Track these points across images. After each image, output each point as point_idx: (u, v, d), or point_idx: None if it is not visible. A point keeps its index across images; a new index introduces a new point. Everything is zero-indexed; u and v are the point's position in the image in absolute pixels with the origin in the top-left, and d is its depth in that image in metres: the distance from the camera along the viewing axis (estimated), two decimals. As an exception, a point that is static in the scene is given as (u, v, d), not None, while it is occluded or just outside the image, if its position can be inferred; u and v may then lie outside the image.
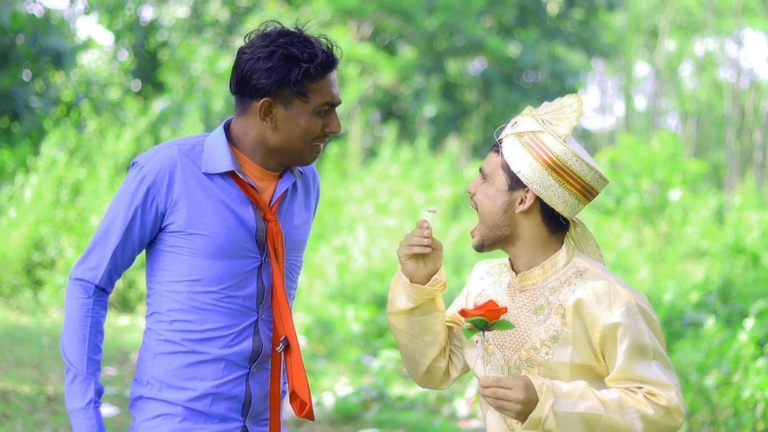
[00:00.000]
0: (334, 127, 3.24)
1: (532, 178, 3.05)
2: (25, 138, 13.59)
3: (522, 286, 3.15)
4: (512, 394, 2.92)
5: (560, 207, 3.08)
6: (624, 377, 3.01)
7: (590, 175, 3.07)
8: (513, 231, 3.12)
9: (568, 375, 3.04)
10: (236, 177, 3.23)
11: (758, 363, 7.42)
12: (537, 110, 3.16)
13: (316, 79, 3.17)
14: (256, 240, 3.24)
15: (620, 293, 3.04)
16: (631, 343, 3.00)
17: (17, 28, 11.84)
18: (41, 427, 7.80)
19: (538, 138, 3.07)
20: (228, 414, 3.27)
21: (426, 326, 3.23)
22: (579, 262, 3.13)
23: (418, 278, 3.18)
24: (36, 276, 14.67)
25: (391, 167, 20.43)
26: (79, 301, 3.24)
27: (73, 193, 15.61)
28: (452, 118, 28.19)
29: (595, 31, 30.78)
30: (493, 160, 3.14)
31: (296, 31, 3.24)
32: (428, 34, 27.88)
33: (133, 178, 3.23)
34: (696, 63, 41.51)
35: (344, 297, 13.92)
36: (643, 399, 2.99)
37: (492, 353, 3.16)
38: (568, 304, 3.05)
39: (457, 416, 9.19)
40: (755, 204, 18.48)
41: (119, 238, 3.22)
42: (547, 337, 3.07)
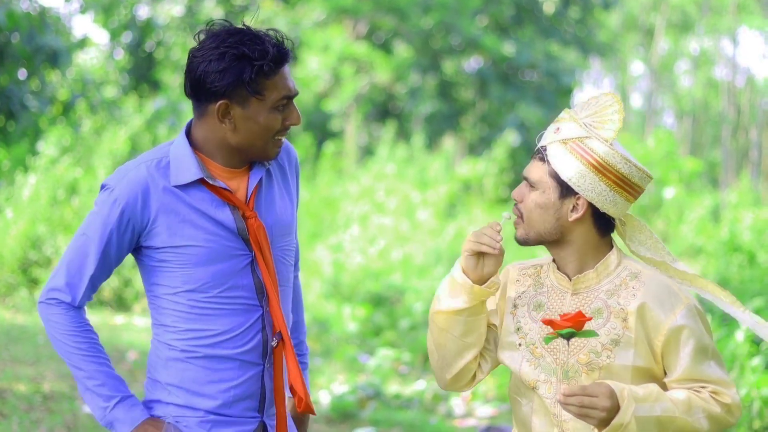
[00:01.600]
0: (293, 120, 3.22)
1: (584, 186, 3.05)
2: (21, 137, 13.56)
3: (575, 289, 3.15)
4: (599, 402, 2.92)
5: (612, 210, 3.09)
6: (689, 378, 3.04)
7: (638, 175, 3.09)
8: (563, 237, 3.13)
9: (630, 378, 3.06)
10: (206, 182, 3.22)
11: (754, 361, 7.42)
12: (576, 113, 3.14)
13: (270, 75, 3.14)
14: (242, 238, 3.23)
15: (679, 295, 3.07)
16: (695, 345, 3.04)
17: (13, 26, 11.81)
18: (37, 425, 7.79)
19: (585, 144, 3.07)
20: (246, 413, 3.27)
21: (471, 327, 3.21)
22: (630, 263, 3.15)
23: (477, 279, 3.17)
24: (32, 275, 14.65)
25: (387, 166, 20.43)
26: (58, 317, 3.25)
27: (69, 191, 15.60)
28: (448, 116, 28.18)
29: (591, 29, 30.78)
30: (539, 168, 3.12)
31: (245, 28, 3.22)
32: (424, 32, 27.86)
33: (105, 200, 3.20)
34: (691, 61, 41.52)
35: (340, 295, 13.92)
36: (709, 398, 3.03)
37: (540, 356, 3.15)
38: (631, 308, 3.06)
39: (453, 415, 9.19)
40: (751, 202, 18.50)
41: (96, 261, 3.21)
42: (608, 340, 3.07)
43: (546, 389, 3.15)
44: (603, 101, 3.14)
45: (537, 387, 3.16)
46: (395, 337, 12.13)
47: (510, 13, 29.16)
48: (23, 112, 12.39)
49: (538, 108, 27.45)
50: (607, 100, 3.13)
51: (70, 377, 9.60)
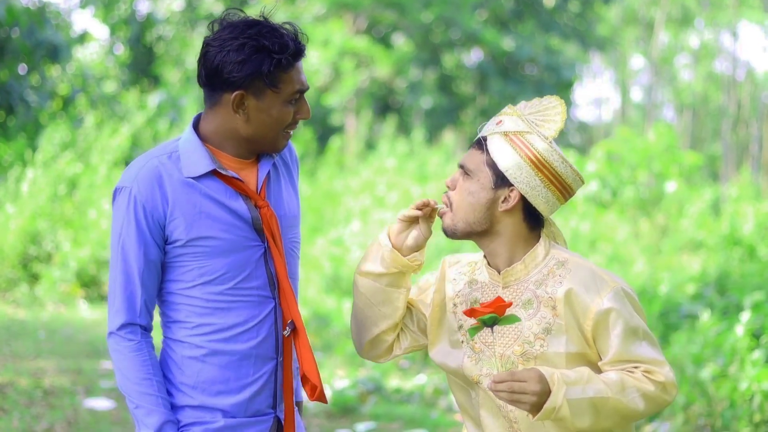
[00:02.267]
0: (304, 113, 3.24)
1: (519, 178, 3.09)
2: (21, 132, 13.57)
3: (505, 282, 3.17)
4: (528, 386, 2.94)
5: (542, 206, 3.13)
6: (620, 359, 3.06)
7: (572, 176, 3.14)
8: (491, 228, 3.15)
9: (565, 365, 3.08)
10: (219, 173, 3.22)
11: (754, 355, 7.43)
12: (520, 108, 3.19)
13: (287, 69, 3.16)
14: (255, 228, 3.23)
15: (605, 279, 3.10)
16: (624, 327, 3.06)
17: (13, 21, 11.82)
18: (38, 420, 7.80)
19: (525, 138, 3.11)
20: (263, 409, 3.27)
21: (388, 298, 3.27)
22: (557, 253, 3.18)
23: (399, 247, 3.24)
24: (32, 270, 14.67)
25: (387, 160, 20.43)
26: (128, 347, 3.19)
27: (70, 187, 15.61)
28: (448, 110, 28.19)
29: (591, 23, 30.78)
30: (477, 157, 3.16)
31: (262, 20, 3.23)
32: (424, 26, 27.87)
33: (125, 202, 3.18)
34: (691, 55, 41.51)
35: (340, 290, 13.93)
36: (641, 377, 3.05)
37: (480, 351, 3.18)
38: (558, 296, 3.09)
39: (453, 409, 9.20)
40: (751, 196, 18.50)
41: (142, 267, 3.17)
42: (540, 329, 3.10)
43: (488, 382, 3.13)
44: (547, 103, 3.19)
45: (480, 381, 3.18)
46: (396, 331, 12.14)
47: (510, 7, 29.16)
48: (23, 107, 12.39)
49: (538, 102, 27.43)
50: (551, 102, 3.18)
51: (70, 372, 9.61)
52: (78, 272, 14.61)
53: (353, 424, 8.43)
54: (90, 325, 12.93)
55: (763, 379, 7.18)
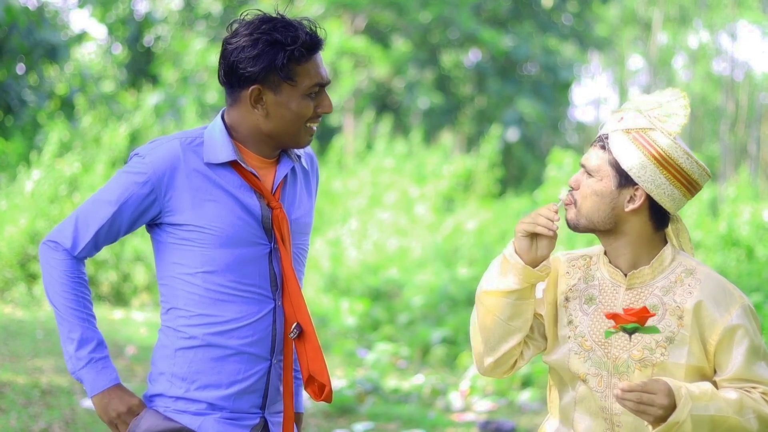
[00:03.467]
0: (325, 107, 3.25)
1: (644, 177, 3.04)
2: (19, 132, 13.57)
3: (630, 284, 3.13)
4: (657, 399, 2.91)
5: (668, 204, 3.08)
6: (740, 378, 3.04)
7: (698, 171, 3.08)
8: (616, 227, 3.11)
9: (683, 376, 3.05)
10: (238, 166, 3.24)
11: None
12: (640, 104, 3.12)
13: (302, 61, 3.17)
14: (264, 227, 3.24)
15: (734, 294, 3.07)
16: (749, 345, 3.04)
17: (11, 21, 11.81)
18: (35, 420, 7.80)
19: (648, 135, 3.05)
20: (250, 409, 3.27)
21: (519, 311, 3.17)
22: (684, 260, 3.13)
23: (530, 261, 3.13)
24: (30, 270, 14.66)
25: (385, 160, 20.42)
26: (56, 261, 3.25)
27: (69, 187, 15.59)
28: (446, 110, 28.17)
29: (589, 23, 30.77)
30: (599, 156, 3.10)
31: (278, 16, 3.25)
32: (422, 26, 27.86)
33: (134, 167, 3.23)
34: (690, 55, 41.52)
35: (338, 290, 13.93)
36: (760, 399, 3.03)
37: (590, 349, 3.14)
38: (687, 306, 3.06)
39: (451, 409, 9.20)
40: (749, 196, 18.49)
41: (105, 220, 3.22)
42: (663, 338, 3.07)
43: (596, 383, 3.13)
44: (668, 95, 3.13)
45: (587, 380, 3.14)
46: (393, 331, 12.14)
47: (508, 7, 29.16)
48: (21, 107, 12.39)
49: (536, 102, 27.44)
50: (673, 95, 3.13)
51: (68, 372, 9.60)
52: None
53: (351, 424, 8.42)
54: (88, 325, 12.92)
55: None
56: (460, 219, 16.82)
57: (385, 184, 18.96)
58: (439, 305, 12.27)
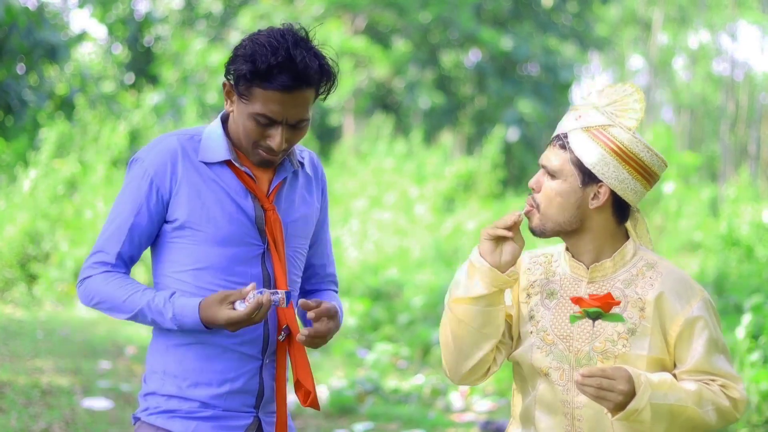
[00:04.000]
0: (272, 143, 3.15)
1: (607, 173, 3.05)
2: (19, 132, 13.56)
3: (591, 277, 3.15)
4: (617, 384, 2.92)
5: (631, 198, 3.10)
6: (699, 370, 3.06)
7: (658, 163, 3.10)
8: (582, 225, 3.12)
9: (644, 367, 3.07)
10: (233, 166, 3.23)
11: (753, 356, 7.43)
12: (595, 100, 3.14)
13: (258, 86, 3.09)
14: (257, 228, 3.24)
15: (694, 288, 3.10)
16: (708, 337, 3.06)
17: (11, 21, 11.81)
18: (36, 420, 7.79)
19: (608, 131, 3.06)
20: (242, 408, 3.26)
21: (489, 318, 3.16)
22: (645, 254, 3.16)
23: (495, 266, 3.12)
24: (30, 270, 14.66)
25: (385, 160, 20.43)
26: (97, 277, 3.21)
27: (68, 187, 15.60)
28: (446, 110, 28.18)
29: (589, 23, 30.78)
30: (560, 156, 3.10)
31: (293, 37, 3.14)
32: (422, 26, 27.86)
33: (136, 172, 3.22)
34: (690, 56, 41.53)
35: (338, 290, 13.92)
36: (718, 391, 3.05)
37: (552, 343, 3.15)
38: (648, 298, 3.08)
39: (451, 409, 9.20)
40: (749, 196, 18.50)
41: (125, 234, 3.20)
42: (625, 329, 3.08)
43: (558, 376, 3.14)
44: (621, 90, 3.14)
45: (549, 373, 3.15)
46: (394, 331, 12.14)
47: (508, 7, 29.17)
48: (21, 107, 12.39)
49: (536, 102, 27.46)
50: (626, 90, 3.14)
51: (68, 372, 9.60)
52: (76, 272, 14.60)
53: (351, 425, 8.42)
54: (88, 325, 12.93)
55: (761, 380, 7.18)
56: (460, 219, 16.83)
57: (386, 184, 18.96)
58: (439, 305, 12.27)
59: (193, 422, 3.22)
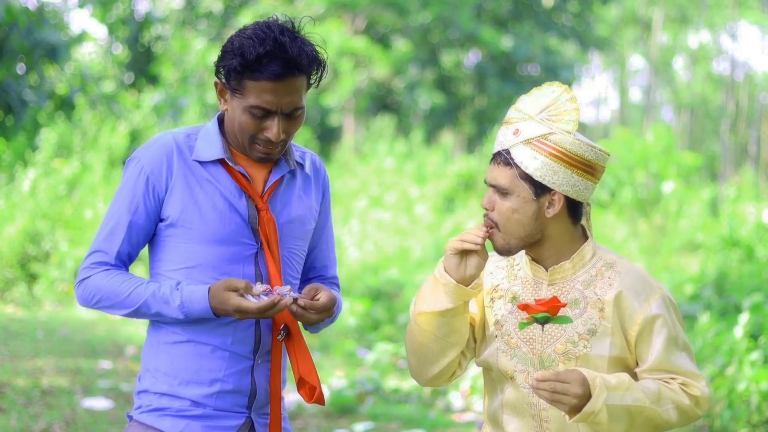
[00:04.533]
0: (269, 134, 3.15)
1: (558, 180, 3.05)
2: (20, 131, 13.56)
3: (551, 279, 3.15)
4: (571, 388, 2.94)
5: (585, 196, 3.11)
6: (659, 368, 3.07)
7: (602, 157, 3.10)
8: (543, 234, 3.12)
9: (606, 367, 3.08)
10: (228, 165, 3.22)
11: (752, 356, 7.43)
12: (528, 110, 3.13)
13: (249, 78, 3.09)
14: (251, 227, 3.23)
15: (653, 285, 3.10)
16: (667, 335, 3.07)
17: (11, 21, 11.81)
18: (36, 420, 7.79)
19: (549, 140, 3.06)
20: (234, 408, 3.25)
21: (454, 327, 3.19)
22: (604, 254, 3.17)
23: (460, 280, 3.14)
24: (31, 270, 14.66)
25: (386, 160, 20.43)
26: (97, 275, 3.20)
27: (68, 187, 15.60)
28: (447, 110, 28.19)
29: (589, 23, 30.78)
30: (507, 173, 3.09)
31: (279, 28, 3.15)
32: (422, 27, 27.87)
33: (132, 171, 3.22)
34: (690, 56, 41.53)
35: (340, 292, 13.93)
36: (678, 389, 3.06)
37: (516, 346, 3.16)
38: (607, 298, 3.09)
39: (451, 409, 9.19)
40: (750, 196, 18.49)
41: (124, 233, 3.20)
42: (585, 330, 3.09)
43: (523, 379, 3.16)
44: (550, 92, 3.16)
45: (514, 377, 3.17)
46: (394, 331, 12.14)
47: (508, 7, 29.17)
48: (22, 107, 12.39)
49: (536, 102, 27.47)
50: (554, 91, 3.16)
51: (68, 372, 9.60)
52: (76, 272, 14.60)
53: (351, 425, 8.42)
54: (88, 325, 12.92)
55: (761, 380, 7.18)
56: (460, 219, 16.82)
57: (386, 184, 18.96)
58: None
59: (183, 421, 3.22)
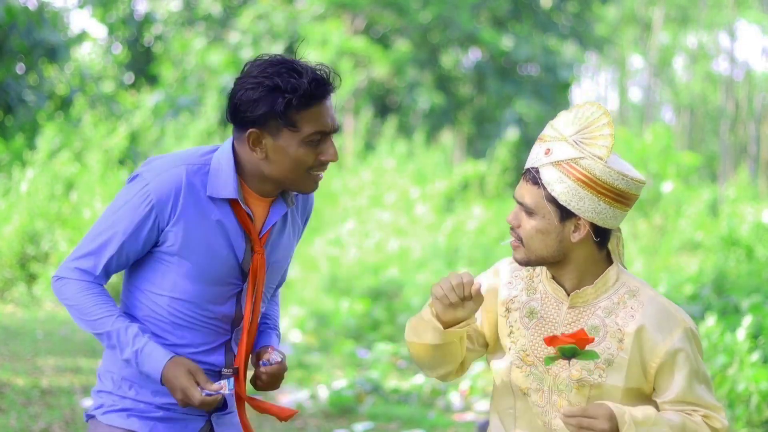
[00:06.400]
0: (329, 156, 3.18)
1: (584, 207, 2.99)
2: (19, 131, 13.57)
3: (572, 303, 3.11)
4: (598, 424, 2.93)
5: (612, 224, 3.05)
6: (682, 401, 3.05)
7: (635, 186, 3.04)
8: (566, 257, 3.08)
9: (620, 398, 3.06)
10: (236, 204, 3.22)
11: (753, 356, 7.43)
12: (563, 129, 3.06)
13: (302, 108, 3.12)
14: (241, 268, 3.25)
15: (676, 317, 3.06)
16: (690, 369, 3.04)
17: (11, 21, 11.81)
18: (35, 420, 7.79)
19: (579, 164, 2.99)
20: (194, 411, 3.28)
21: (447, 353, 3.17)
22: (628, 279, 3.12)
23: (449, 322, 3.09)
24: (30, 269, 14.66)
25: (386, 161, 20.43)
26: (78, 284, 3.20)
27: (67, 186, 15.59)
28: (446, 111, 28.18)
29: (589, 23, 30.78)
30: (534, 193, 3.04)
31: (287, 59, 3.19)
32: (422, 27, 27.86)
33: (137, 193, 3.19)
34: (689, 56, 41.53)
35: (338, 290, 13.93)
36: (701, 422, 3.04)
37: (532, 364, 3.14)
38: (628, 330, 3.05)
39: (451, 409, 9.20)
40: (749, 196, 18.50)
41: (115, 250, 3.19)
42: (602, 360, 3.06)
43: (538, 397, 3.14)
44: (589, 114, 3.06)
45: (529, 394, 3.15)
46: (393, 331, 12.14)
47: (507, 7, 29.17)
48: (21, 107, 12.39)
49: (535, 103, 27.46)
50: (593, 113, 3.05)
51: (68, 372, 9.61)
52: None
53: (351, 425, 8.42)
54: (88, 325, 12.91)
55: (761, 380, 7.18)
56: (460, 219, 16.83)
57: (386, 184, 18.96)
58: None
59: (150, 422, 3.26)
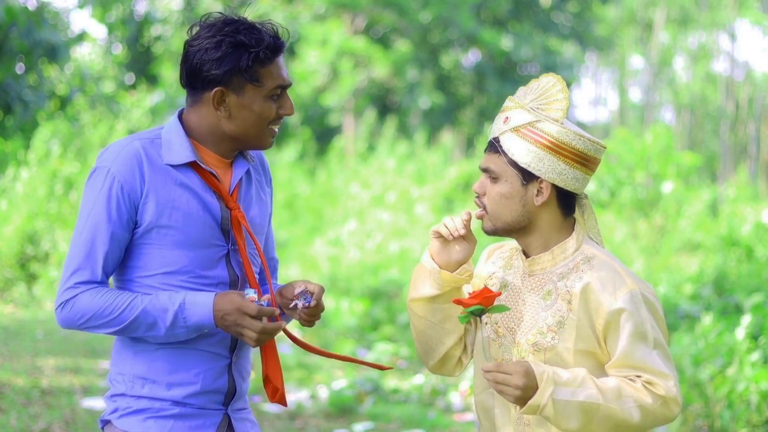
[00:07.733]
0: (287, 109, 3.24)
1: (544, 168, 3.08)
2: (18, 131, 13.56)
3: (531, 270, 3.17)
4: (512, 380, 2.95)
5: (574, 186, 3.12)
6: (624, 364, 3.03)
7: (594, 147, 3.13)
8: (531, 222, 3.15)
9: (572, 361, 3.07)
10: (197, 167, 3.22)
11: (753, 356, 7.43)
12: (521, 99, 3.17)
13: (266, 63, 3.17)
14: (222, 228, 3.23)
15: (625, 281, 3.07)
16: (632, 330, 3.03)
17: (10, 21, 11.80)
18: (35, 420, 7.79)
19: (536, 127, 3.10)
20: (210, 405, 3.25)
21: (448, 314, 3.23)
22: (587, 248, 3.16)
23: (445, 265, 3.20)
24: (30, 269, 14.66)
25: (387, 161, 20.44)
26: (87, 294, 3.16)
27: (66, 186, 15.60)
28: (446, 111, 28.19)
29: (589, 23, 30.78)
30: (497, 160, 3.14)
31: (240, 18, 3.25)
32: (422, 27, 27.87)
33: (102, 181, 3.16)
34: (689, 56, 41.53)
35: (338, 290, 13.93)
36: (641, 388, 3.01)
37: (503, 335, 3.17)
38: (575, 290, 3.08)
39: (451, 409, 9.20)
40: (749, 196, 18.50)
41: (107, 244, 3.16)
42: (554, 322, 3.10)
43: None
44: (545, 83, 3.21)
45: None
46: (393, 331, 12.14)
47: (508, 7, 29.17)
48: (21, 107, 12.38)
49: (536, 102, 27.47)
50: (548, 81, 3.21)
51: (68, 372, 9.60)
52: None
53: (351, 424, 8.43)
54: (88, 325, 12.92)
55: (761, 380, 7.18)
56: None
57: (386, 184, 18.97)
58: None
59: (168, 421, 3.22)
